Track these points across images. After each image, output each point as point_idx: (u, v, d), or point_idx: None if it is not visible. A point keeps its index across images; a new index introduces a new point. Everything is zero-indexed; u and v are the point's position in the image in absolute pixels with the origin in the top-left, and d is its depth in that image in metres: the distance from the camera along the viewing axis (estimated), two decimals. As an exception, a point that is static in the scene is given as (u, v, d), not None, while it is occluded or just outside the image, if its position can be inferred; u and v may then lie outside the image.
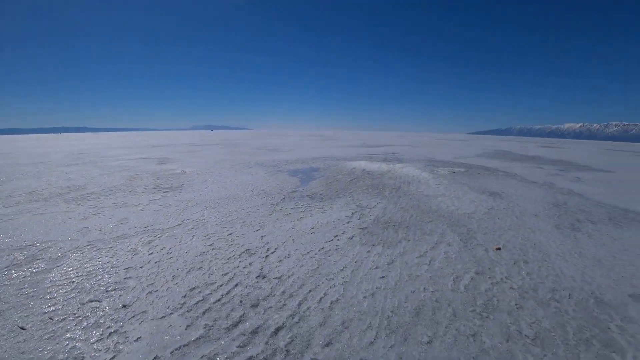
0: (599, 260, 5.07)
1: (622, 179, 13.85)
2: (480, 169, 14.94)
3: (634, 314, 3.62)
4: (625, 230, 6.60)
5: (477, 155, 23.26)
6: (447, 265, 4.72)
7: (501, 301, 3.88)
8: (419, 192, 9.48)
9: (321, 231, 5.92)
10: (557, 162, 20.63)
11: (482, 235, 6.12)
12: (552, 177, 13.67)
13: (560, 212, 7.88)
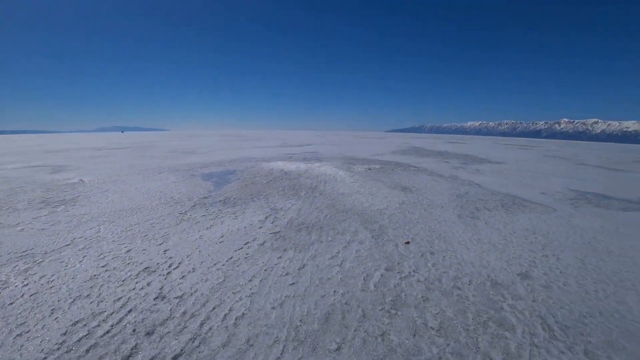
0: (494, 245, 6.44)
1: (511, 169, 18.78)
2: (394, 165, 18.04)
3: (522, 291, 4.76)
4: (513, 215, 8.67)
5: (392, 152, 28.33)
6: (358, 265, 5.41)
7: (409, 295, 4.56)
8: (335, 190, 10.93)
9: (231, 239, 6.44)
10: (461, 156, 26.63)
11: (393, 230, 7.18)
12: (456, 170, 17.29)
13: (462, 202, 9.82)
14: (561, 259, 6.00)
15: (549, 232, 7.47)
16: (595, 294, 4.80)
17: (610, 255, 6.34)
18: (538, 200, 10.76)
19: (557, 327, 3.96)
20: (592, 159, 31.15)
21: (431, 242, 6.50)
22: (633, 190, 14.10)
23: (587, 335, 3.87)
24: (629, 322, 4.18)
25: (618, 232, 7.83)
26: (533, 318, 4.11)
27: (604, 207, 10.29)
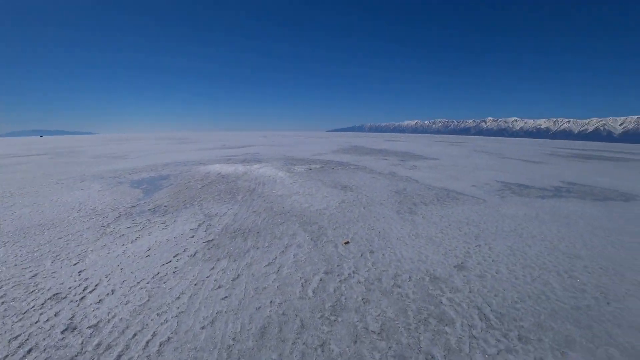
0: (431, 239, 6.62)
1: (444, 164, 20.06)
2: (334, 164, 18.21)
3: (459, 283, 4.89)
4: (448, 208, 9.10)
5: (333, 151, 28.69)
6: (296, 270, 5.17)
7: (349, 299, 4.40)
8: (273, 192, 10.64)
9: (159, 252, 5.92)
10: (399, 153, 27.99)
11: (333, 230, 7.05)
12: (394, 166, 17.99)
13: (400, 198, 10.10)
14: (493, 247, 6.32)
15: (481, 222, 7.91)
16: (523, 279, 5.08)
17: (533, 239, 6.86)
18: (469, 192, 11.47)
19: (492, 316, 4.06)
20: (513, 153, 34.78)
21: (371, 241, 6.47)
22: (547, 179, 15.82)
23: (520, 320, 4.03)
24: (554, 303, 4.45)
25: (538, 218, 8.57)
26: (470, 309, 4.19)
27: (525, 196, 11.29)
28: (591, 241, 7.00)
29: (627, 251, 6.54)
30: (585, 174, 18.77)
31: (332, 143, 44.35)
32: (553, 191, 12.73)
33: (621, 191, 13.49)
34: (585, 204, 10.60)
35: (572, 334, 3.83)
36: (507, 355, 3.42)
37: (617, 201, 11.46)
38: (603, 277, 5.33)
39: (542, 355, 3.44)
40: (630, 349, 3.65)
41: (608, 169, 22.59)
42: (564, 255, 6.14)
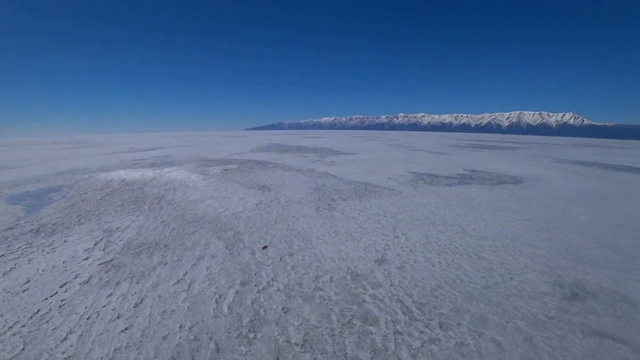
0: (351, 235, 6.62)
1: (361, 158, 20.90)
2: (252, 164, 17.56)
3: (380, 277, 4.89)
4: (366, 201, 9.32)
5: (252, 150, 27.81)
6: (209, 285, 4.67)
7: (269, 310, 4.06)
8: (185, 198, 9.75)
9: (41, 283, 4.90)
10: (318, 149, 28.40)
11: (249, 235, 6.61)
12: (313, 163, 18.09)
13: (320, 195, 10.06)
14: (410, 237, 6.56)
15: (397, 213, 8.22)
16: (439, 265, 5.32)
17: (445, 225, 7.33)
18: (386, 184, 11.99)
19: (414, 307, 4.11)
20: (422, 145, 38.09)
21: (290, 242, 6.21)
22: (452, 168, 17.48)
23: (439, 307, 4.14)
24: (468, 285, 4.71)
25: (448, 204, 9.26)
26: (393, 304, 4.19)
27: (435, 185, 12.21)
28: (493, 222, 7.75)
29: (521, 228, 7.37)
30: (483, 162, 21.25)
31: (250, 142, 43.27)
32: (458, 179, 14.02)
33: (511, 175, 15.48)
34: (485, 189, 11.85)
35: (486, 313, 4.06)
36: (430, 346, 3.44)
37: (509, 184, 13.06)
38: (505, 255, 5.87)
39: (461, 339, 3.55)
40: (533, 318, 4.01)
41: (499, 156, 26.00)
42: (472, 238, 6.65)
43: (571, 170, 18.71)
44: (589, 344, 3.60)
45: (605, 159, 26.77)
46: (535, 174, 16.15)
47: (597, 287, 4.85)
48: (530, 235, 6.92)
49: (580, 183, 14.08)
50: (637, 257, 5.97)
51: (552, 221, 8.00)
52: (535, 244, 6.47)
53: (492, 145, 43.61)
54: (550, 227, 7.49)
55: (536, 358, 3.34)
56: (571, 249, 6.27)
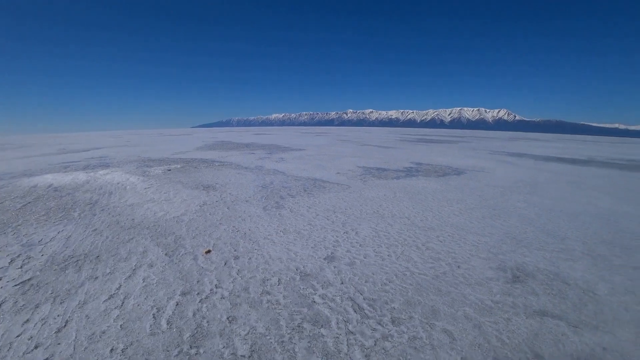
0: (300, 232, 6.42)
1: (311, 154, 20.79)
2: (198, 162, 16.61)
3: (330, 275, 4.74)
4: (315, 197, 9.18)
5: (198, 148, 26.37)
6: (146, 299, 4.18)
7: (212, 321, 3.73)
8: (122, 202, 8.86)
9: None
10: (267, 146, 27.82)
11: (192, 239, 6.14)
12: (261, 160, 17.64)
13: (267, 193, 9.74)
14: (359, 232, 6.51)
15: (347, 208, 8.17)
16: (389, 259, 5.30)
17: (394, 218, 7.40)
18: (335, 180, 11.96)
19: (366, 304, 4.01)
20: (371, 140, 39.04)
21: (236, 245, 5.86)
22: (400, 162, 18.00)
23: (391, 302, 4.08)
24: (418, 276, 4.72)
25: (396, 197, 9.41)
26: (344, 302, 4.05)
27: (383, 179, 12.41)
28: (439, 212, 7.98)
29: (465, 217, 7.66)
30: (428, 155, 22.19)
31: (196, 140, 41.11)
32: (405, 172, 14.42)
33: (454, 167, 16.27)
34: (431, 181, 12.29)
35: (436, 303, 4.07)
36: (383, 343, 3.35)
37: (452, 175, 13.68)
38: (452, 244, 6.02)
39: (414, 333, 3.50)
40: (480, 304, 4.09)
41: (443, 150, 27.37)
42: (420, 229, 6.77)
43: (507, 161, 20.20)
44: (531, 324, 3.75)
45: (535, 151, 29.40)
46: (476, 165, 17.14)
47: (535, 268, 5.12)
48: (473, 223, 7.21)
49: (516, 172, 15.18)
50: (566, 239, 6.44)
51: (493, 208, 8.44)
52: (479, 231, 6.74)
53: (436, 140, 46.08)
54: (491, 215, 7.88)
55: (485, 343, 3.38)
56: (510, 234, 6.62)
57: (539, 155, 24.68)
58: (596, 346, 3.45)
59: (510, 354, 3.27)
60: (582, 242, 6.30)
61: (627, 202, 9.84)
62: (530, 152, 27.62)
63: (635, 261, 5.54)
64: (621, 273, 5.09)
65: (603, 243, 6.32)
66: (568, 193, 10.80)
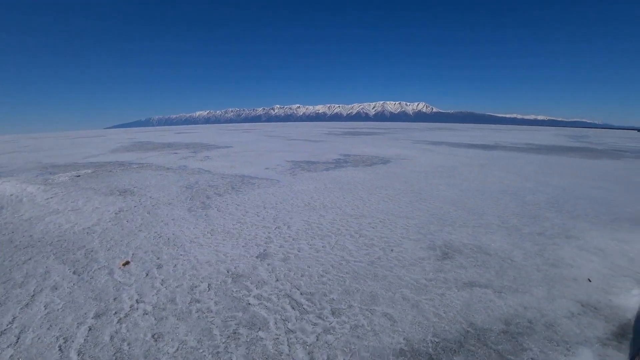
0: (229, 232, 6.02)
1: (238, 151, 20.10)
2: (112, 166, 14.77)
3: (264, 274, 4.47)
4: (244, 194, 8.77)
5: (112, 150, 23.42)
6: (49, 329, 3.48)
7: (134, 342, 3.24)
8: (16, 218, 7.44)
9: None
10: (191, 145, 26.14)
11: (106, 252, 5.38)
12: (185, 160, 16.46)
13: (192, 193, 9.04)
14: (291, 225, 6.35)
15: (277, 202, 7.96)
16: (324, 250, 5.22)
17: (325, 209, 7.38)
18: (264, 175, 11.64)
19: (304, 299, 3.86)
20: (299, 135, 39.11)
21: (158, 252, 5.28)
22: (328, 154, 18.24)
23: (329, 293, 3.99)
24: (354, 264, 4.70)
25: (326, 188, 9.43)
26: (281, 300, 3.85)
27: (313, 171, 12.41)
28: (369, 200, 8.16)
29: (394, 202, 7.95)
30: (355, 147, 22.84)
31: (111, 141, 36.62)
32: (334, 163, 14.62)
33: (380, 156, 16.94)
34: (359, 170, 12.60)
35: (374, 289, 4.07)
36: (326, 336, 3.22)
37: (379, 164, 14.21)
38: (384, 229, 6.16)
39: (355, 322, 3.44)
40: (415, 283, 4.20)
41: (369, 141, 28.47)
42: (352, 217, 6.82)
43: (427, 149, 21.68)
44: (463, 295, 3.95)
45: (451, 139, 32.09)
46: (400, 154, 18.07)
47: (460, 244, 5.46)
48: (402, 208, 7.49)
49: (435, 159, 16.32)
50: (484, 215, 7.01)
51: (419, 192, 8.88)
52: (407, 214, 7.02)
53: (362, 132, 47.89)
54: (417, 198, 8.29)
55: (424, 321, 3.46)
56: (436, 214, 7.00)
57: (454, 143, 27.02)
58: (518, 306, 3.75)
59: (447, 327, 3.38)
60: (497, 216, 6.91)
61: (527, 179, 11.14)
62: (447, 140, 30.15)
63: (539, 228, 6.25)
64: (530, 239, 5.69)
65: (514, 215, 7.02)
66: (481, 174, 11.89)
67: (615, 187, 10.26)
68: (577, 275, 4.51)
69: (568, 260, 4.95)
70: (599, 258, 5.01)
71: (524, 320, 3.50)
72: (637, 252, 5.24)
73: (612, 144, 32.06)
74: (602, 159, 18.57)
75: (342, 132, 50.05)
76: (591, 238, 5.81)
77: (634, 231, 6.16)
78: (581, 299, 3.94)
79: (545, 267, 4.73)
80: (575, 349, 3.11)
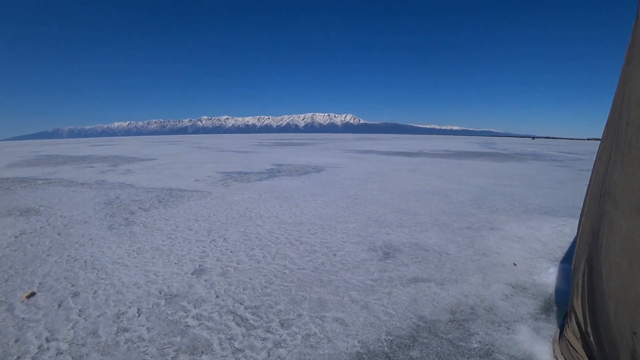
0: (159, 249, 5.43)
1: (163, 163, 18.75)
2: (11, 182, 12.48)
3: (202, 291, 4.03)
4: (173, 208, 8.11)
5: (9, 165, 19.84)
6: None
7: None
8: None
9: None
10: (109, 158, 23.62)
11: (3, 283, 4.41)
12: (103, 174, 14.73)
13: (113, 209, 8.06)
14: (227, 237, 6.00)
15: (210, 215, 7.50)
16: (265, 260, 5.00)
17: (262, 219, 7.13)
18: (193, 187, 10.95)
19: (249, 314, 3.57)
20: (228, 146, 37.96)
21: (73, 279, 4.52)
22: (261, 164, 17.94)
23: (275, 304, 3.78)
24: (298, 272, 4.53)
25: (261, 198, 9.18)
26: (224, 318, 3.51)
27: (246, 182, 12.03)
28: (306, 207, 8.09)
29: (331, 208, 7.98)
30: (287, 157, 22.77)
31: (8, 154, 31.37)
32: (268, 173, 14.35)
33: (313, 165, 17.09)
34: (293, 179, 12.51)
35: (322, 295, 3.94)
36: (277, 351, 2.98)
37: (313, 173, 14.28)
38: (324, 234, 6.10)
39: (306, 331, 3.27)
40: (362, 285, 4.17)
41: (300, 151, 28.68)
42: (291, 225, 6.66)
43: (358, 157, 22.48)
44: (408, 291, 4.01)
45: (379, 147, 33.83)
46: (332, 163, 18.41)
47: (399, 243, 5.62)
48: (340, 213, 7.53)
49: (366, 166, 16.93)
50: (417, 215, 7.35)
51: (354, 198, 9.05)
52: (345, 219, 7.06)
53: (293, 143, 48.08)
54: (353, 203, 8.42)
55: (376, 321, 3.40)
56: (373, 217, 7.16)
57: (382, 151, 28.45)
58: (460, 295, 3.92)
59: (399, 323, 3.36)
60: (429, 215, 7.30)
61: (451, 181, 12.08)
62: (375, 149, 31.63)
63: (467, 223, 6.76)
64: (460, 234, 6.09)
65: (443, 213, 7.49)
66: (410, 178, 12.59)
67: (523, 184, 11.69)
68: (504, 261, 4.93)
69: (495, 248, 5.40)
70: (519, 245, 5.57)
71: (467, 308, 3.66)
72: (547, 236, 5.96)
73: (514, 149, 36.74)
74: (509, 161, 21.11)
75: (273, 143, 49.74)
76: (510, 228, 6.44)
77: (542, 220, 7.03)
78: (511, 281, 4.29)
79: (477, 257, 5.07)
80: (514, 326, 3.32)
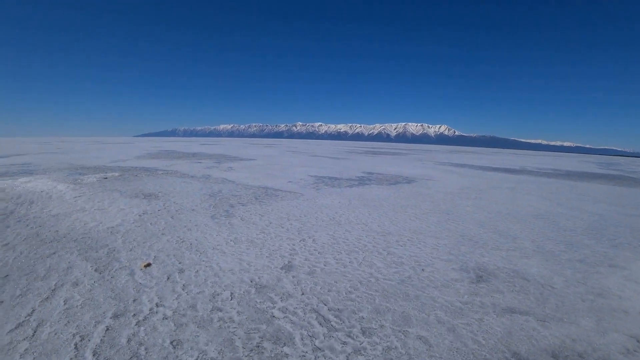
0: (253, 241, 5.87)
1: (261, 164, 20.21)
2: (139, 171, 15.09)
3: (289, 286, 4.27)
4: (267, 205, 8.66)
5: (139, 156, 24.16)
6: (66, 325, 3.37)
7: (151, 348, 3.06)
8: (45, 213, 7.59)
9: None
10: (214, 156, 26.62)
11: (128, 252, 5.31)
12: (209, 169, 16.66)
13: (216, 201, 9.01)
14: (316, 239, 6.14)
15: (301, 215, 7.78)
16: (351, 265, 4.97)
17: (351, 225, 7.14)
18: (287, 188, 11.52)
19: (332, 316, 3.61)
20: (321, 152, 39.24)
21: (180, 257, 5.16)
22: (351, 171, 18.05)
23: (358, 311, 3.74)
24: (383, 282, 4.43)
25: (350, 204, 9.21)
26: (307, 315, 3.61)
27: (337, 187, 12.22)
28: (395, 218, 7.87)
29: (421, 221, 7.62)
30: (378, 166, 22.59)
31: (138, 148, 37.83)
32: (358, 180, 14.40)
33: (404, 176, 16.61)
34: (383, 188, 12.32)
35: (406, 309, 3.79)
36: (356, 358, 2.96)
37: (403, 184, 13.89)
38: (413, 247, 5.86)
39: (387, 343, 3.17)
40: (450, 306, 3.89)
41: (392, 161, 28.19)
42: (379, 235, 6.55)
43: (452, 170, 21.20)
44: (502, 322, 3.62)
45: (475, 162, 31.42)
46: (424, 174, 17.70)
47: (495, 267, 5.10)
48: (430, 227, 7.16)
49: (461, 180, 15.85)
50: (517, 238, 6.61)
51: (446, 213, 8.53)
52: (436, 234, 6.69)
53: (385, 152, 47.64)
54: (445, 219, 7.94)
55: (462, 347, 3.15)
56: (466, 235, 6.65)
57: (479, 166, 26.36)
58: (565, 338, 3.39)
59: (489, 355, 3.06)
60: (531, 241, 6.50)
61: (559, 204, 10.58)
62: (470, 163, 29.49)
63: (579, 255, 5.81)
64: (570, 267, 5.27)
65: (549, 240, 6.59)
66: (509, 198, 11.40)
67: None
68: (627, 307, 4.09)
69: (615, 290, 4.53)
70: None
71: (574, 354, 3.15)
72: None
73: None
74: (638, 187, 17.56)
75: (364, 151, 49.98)
76: (637, 268, 5.34)
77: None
78: (636, 333, 3.53)
79: (591, 296, 4.31)
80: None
